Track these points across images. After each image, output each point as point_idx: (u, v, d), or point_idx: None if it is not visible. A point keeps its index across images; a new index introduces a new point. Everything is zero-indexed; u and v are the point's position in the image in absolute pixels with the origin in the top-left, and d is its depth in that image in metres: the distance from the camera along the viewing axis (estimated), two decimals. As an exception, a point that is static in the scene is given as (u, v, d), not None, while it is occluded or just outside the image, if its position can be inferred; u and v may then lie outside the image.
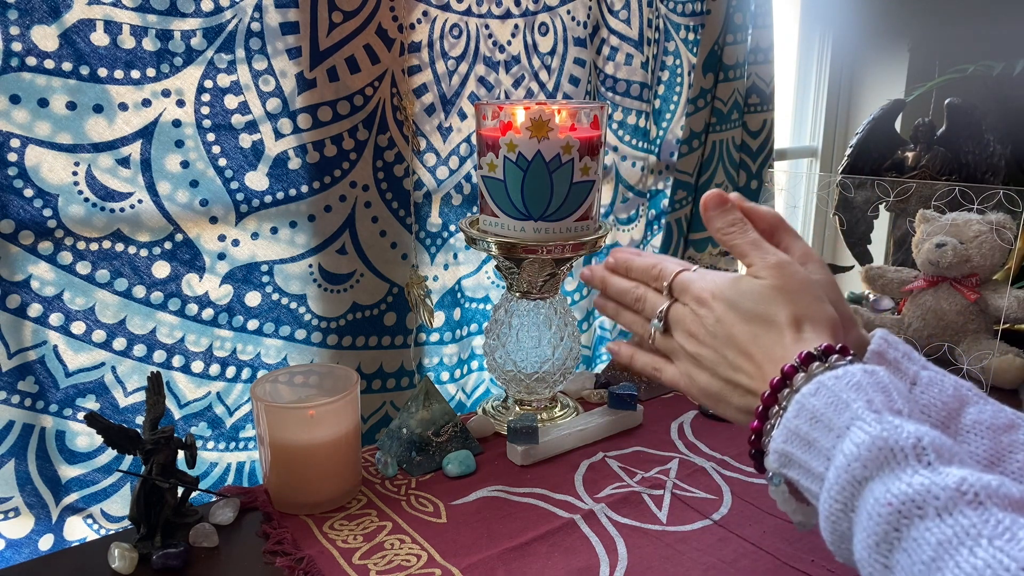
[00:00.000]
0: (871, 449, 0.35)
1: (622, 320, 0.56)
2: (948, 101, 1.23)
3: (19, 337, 0.69)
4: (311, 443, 0.66)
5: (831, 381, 0.39)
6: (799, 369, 0.42)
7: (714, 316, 0.48)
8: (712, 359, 0.48)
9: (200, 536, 0.63)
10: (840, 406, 0.38)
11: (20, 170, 0.67)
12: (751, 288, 0.47)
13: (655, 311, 0.52)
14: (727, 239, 0.50)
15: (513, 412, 0.87)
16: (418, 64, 0.88)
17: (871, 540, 0.34)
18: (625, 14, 1.07)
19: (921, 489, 0.32)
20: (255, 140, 0.78)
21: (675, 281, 0.51)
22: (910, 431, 0.35)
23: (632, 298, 0.54)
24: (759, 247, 0.49)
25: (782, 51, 1.44)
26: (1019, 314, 0.96)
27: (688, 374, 0.50)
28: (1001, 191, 0.94)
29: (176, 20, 0.71)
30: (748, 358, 0.46)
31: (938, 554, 0.31)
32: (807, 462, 0.39)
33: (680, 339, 0.50)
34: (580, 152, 0.74)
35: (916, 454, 0.34)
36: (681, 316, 0.50)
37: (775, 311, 0.46)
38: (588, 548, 0.63)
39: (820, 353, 0.42)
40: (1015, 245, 0.98)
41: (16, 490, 0.70)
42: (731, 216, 0.50)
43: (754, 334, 0.46)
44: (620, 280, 0.56)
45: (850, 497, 0.35)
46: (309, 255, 0.84)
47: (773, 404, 0.43)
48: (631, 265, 0.55)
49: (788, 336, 0.45)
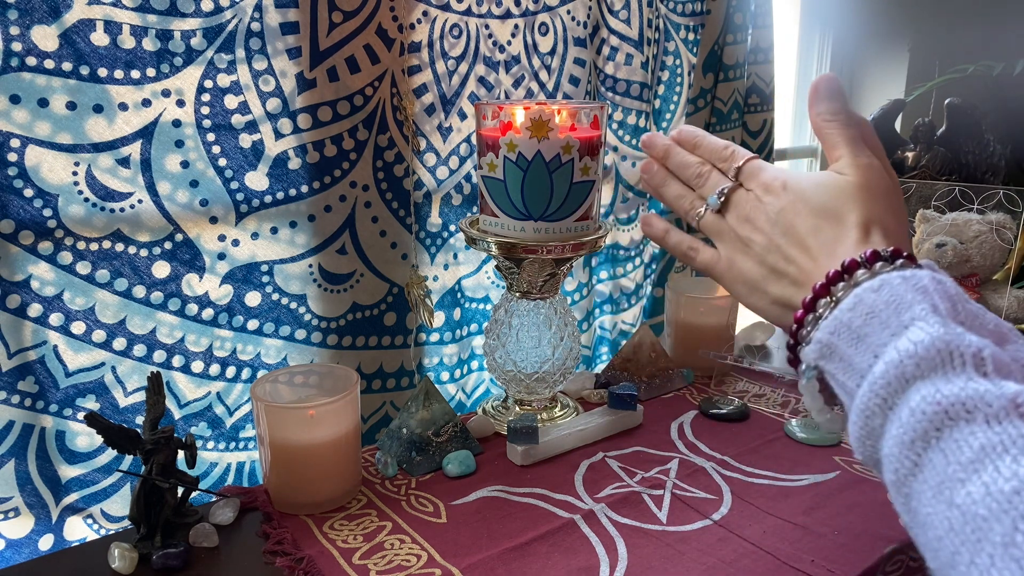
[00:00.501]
0: (929, 349, 0.34)
1: (668, 191, 0.54)
2: (948, 101, 1.23)
3: (19, 337, 0.69)
4: (311, 443, 0.66)
5: (897, 280, 0.38)
6: (863, 265, 0.40)
7: (779, 205, 0.46)
8: (763, 245, 0.46)
9: (200, 536, 0.63)
10: (902, 305, 0.37)
11: (20, 170, 0.67)
12: (830, 181, 0.45)
13: (716, 189, 0.50)
14: (826, 126, 0.47)
15: (513, 412, 0.87)
16: (418, 64, 0.88)
17: (907, 437, 0.33)
18: (625, 14, 1.07)
19: (974, 394, 0.31)
20: (255, 140, 0.78)
21: (747, 165, 0.49)
22: (973, 340, 0.34)
23: (694, 172, 0.52)
24: (855, 144, 0.46)
25: (782, 51, 1.44)
26: (1019, 314, 0.96)
27: (730, 258, 0.49)
28: (1001, 191, 0.94)
29: (176, 20, 0.71)
30: (804, 250, 0.44)
31: (979, 457, 0.30)
32: (851, 356, 0.38)
33: (733, 222, 0.49)
34: (580, 152, 0.74)
35: (975, 363, 0.33)
36: (743, 199, 0.48)
37: (848, 209, 0.44)
38: (588, 548, 0.63)
39: (888, 255, 0.41)
40: (1015, 245, 0.98)
41: (16, 490, 0.70)
42: (839, 103, 0.47)
43: (817, 227, 0.44)
44: (686, 153, 0.53)
45: (894, 392, 0.34)
46: (309, 255, 0.84)
47: (825, 295, 0.41)
48: (700, 142, 0.53)
49: (854, 235, 0.43)
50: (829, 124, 0.47)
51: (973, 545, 0.29)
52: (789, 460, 0.77)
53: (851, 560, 0.61)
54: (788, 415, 0.87)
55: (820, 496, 0.70)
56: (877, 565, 0.61)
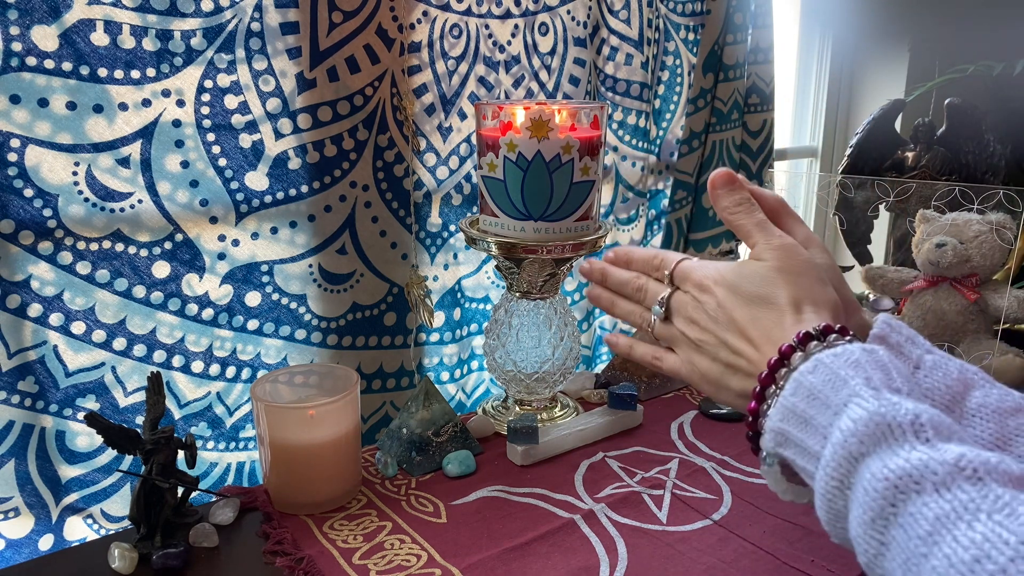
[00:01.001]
0: (868, 425, 0.34)
1: (618, 310, 0.56)
2: (948, 101, 1.23)
3: (19, 337, 0.69)
4: (311, 443, 0.66)
5: (829, 359, 0.39)
6: (797, 348, 0.42)
7: (715, 301, 0.48)
8: (713, 344, 0.48)
9: (200, 536, 0.63)
10: (838, 383, 0.38)
11: (20, 170, 0.67)
12: (753, 271, 0.47)
13: (656, 298, 0.52)
14: (733, 219, 0.49)
15: (513, 412, 0.87)
16: (418, 64, 0.88)
17: (867, 516, 0.33)
18: (625, 14, 1.07)
19: (919, 464, 0.32)
20: (255, 140, 0.78)
21: (677, 269, 0.51)
22: (908, 408, 0.34)
23: (633, 287, 0.54)
24: (764, 228, 0.48)
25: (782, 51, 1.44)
26: (1019, 314, 0.96)
27: (689, 360, 0.50)
28: (1001, 191, 0.94)
29: (176, 20, 0.71)
30: (748, 341, 0.46)
31: (935, 528, 0.30)
32: (803, 440, 0.39)
33: (681, 326, 0.50)
34: (580, 152, 0.74)
35: (914, 430, 0.33)
36: (682, 303, 0.50)
37: (776, 292, 0.45)
38: (588, 548, 0.63)
39: (818, 333, 0.42)
40: (1015, 245, 0.98)
41: (16, 490, 0.70)
42: (739, 195, 0.50)
43: (754, 316, 0.45)
44: (620, 271, 0.56)
45: (846, 474, 0.35)
46: (309, 255, 0.84)
47: (771, 384, 0.43)
48: (632, 257, 0.55)
49: (788, 318, 0.44)
50: (736, 216, 0.49)
51: None
52: (789, 460, 0.77)
53: (851, 560, 0.60)
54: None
55: (820, 496, 0.70)
56: (877, 565, 0.61)
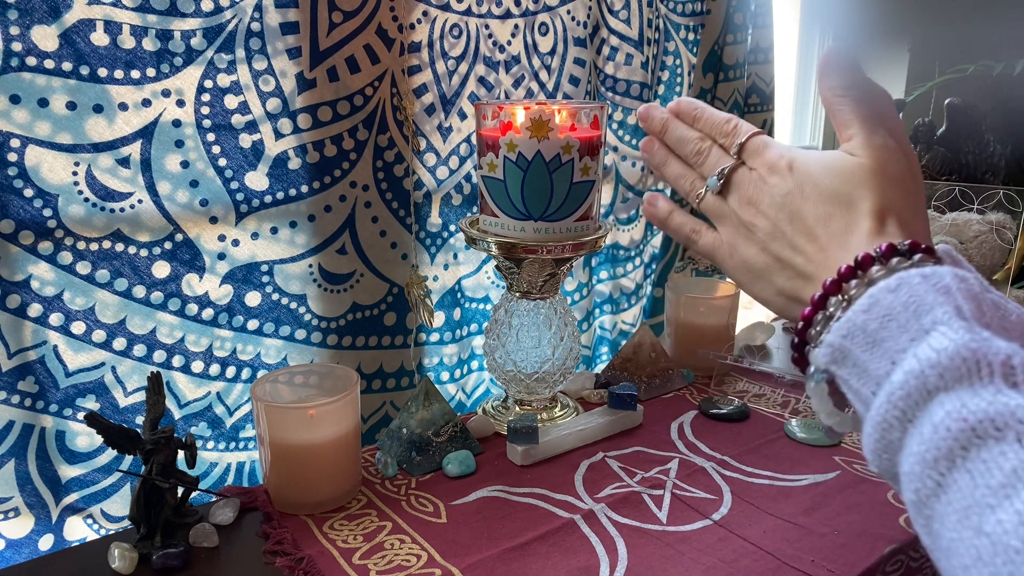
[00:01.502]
0: (954, 358, 0.31)
1: (668, 171, 0.50)
2: (948, 101, 1.23)
3: (19, 337, 0.69)
4: (311, 443, 0.66)
5: (916, 279, 0.35)
6: (877, 260, 0.37)
7: (786, 187, 0.42)
8: (768, 231, 0.43)
9: (200, 536, 0.63)
10: (922, 308, 0.33)
11: (20, 170, 0.67)
12: (842, 164, 0.41)
13: (716, 168, 0.46)
14: (837, 101, 0.43)
15: (513, 412, 0.87)
16: (418, 64, 0.88)
17: (930, 455, 0.30)
18: (625, 14, 1.07)
19: (1004, 410, 0.29)
20: (255, 140, 0.78)
21: (750, 141, 0.45)
22: (1001, 347, 0.31)
23: (693, 149, 0.48)
24: (869, 124, 0.42)
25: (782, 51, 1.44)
26: (1019, 314, 0.96)
27: (732, 243, 0.46)
28: (1001, 191, 0.94)
29: (176, 20, 0.71)
30: (812, 239, 0.41)
31: (1011, 481, 0.27)
32: (866, 362, 0.35)
33: (735, 204, 0.45)
34: (580, 152, 0.74)
35: (1004, 372, 0.30)
36: (745, 180, 0.45)
37: (861, 195, 0.40)
38: (588, 548, 0.63)
39: (905, 249, 0.37)
40: (1015, 245, 0.98)
41: (16, 490, 0.70)
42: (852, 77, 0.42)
43: (828, 214, 0.41)
44: (685, 128, 0.49)
45: (914, 405, 0.32)
46: (309, 255, 0.84)
47: (836, 293, 0.38)
48: (701, 115, 0.49)
49: (867, 225, 0.40)
50: (840, 100, 0.43)
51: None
52: (789, 460, 0.77)
53: (851, 560, 0.61)
54: (788, 415, 0.87)
55: (820, 496, 0.70)
56: (877, 565, 0.61)
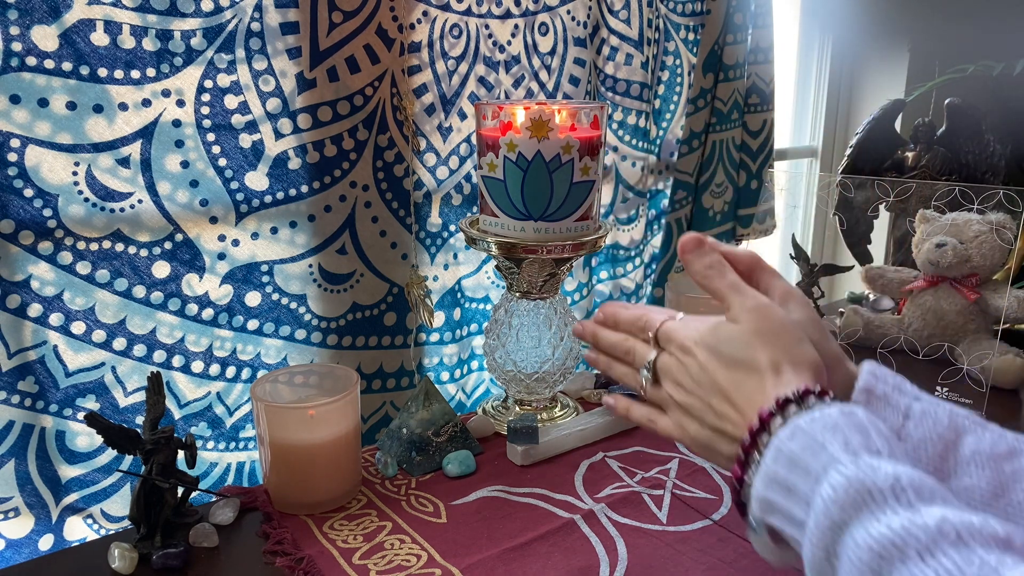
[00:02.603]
0: (848, 492, 0.34)
1: (614, 373, 0.56)
2: (948, 101, 1.23)
3: (19, 337, 0.69)
4: (311, 443, 0.66)
5: (807, 423, 0.39)
6: (776, 414, 0.41)
7: (698, 363, 0.47)
8: (699, 408, 0.47)
9: (200, 536, 0.63)
10: (816, 449, 0.37)
11: (20, 170, 0.67)
12: (730, 334, 0.46)
13: (644, 361, 0.52)
14: (705, 282, 0.49)
15: (513, 412, 0.87)
16: (418, 64, 0.88)
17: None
18: (625, 14, 1.07)
19: (901, 531, 0.31)
20: (255, 140, 0.78)
21: (660, 331, 0.51)
22: (888, 471, 0.34)
23: (622, 350, 0.54)
24: (737, 290, 0.48)
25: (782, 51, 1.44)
26: (1019, 314, 0.96)
27: (679, 424, 0.50)
28: (1001, 191, 0.94)
29: (176, 20, 0.71)
30: (732, 405, 0.45)
31: None
32: (788, 508, 0.38)
33: (669, 388, 0.50)
34: (580, 152, 0.74)
35: (895, 494, 0.33)
36: (668, 366, 0.50)
37: (754, 356, 0.45)
38: (588, 548, 0.63)
39: (797, 396, 0.41)
40: (1015, 245, 0.98)
41: (16, 490, 0.70)
42: (709, 259, 0.49)
43: (736, 381, 0.45)
44: (610, 333, 0.55)
45: (831, 543, 0.34)
46: (309, 255, 0.84)
47: (753, 451, 0.42)
48: (618, 318, 0.55)
49: (768, 381, 0.44)
50: (708, 280, 0.49)
51: None
52: (789, 460, 0.77)
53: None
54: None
55: (820, 496, 0.70)
56: (877, 565, 0.61)
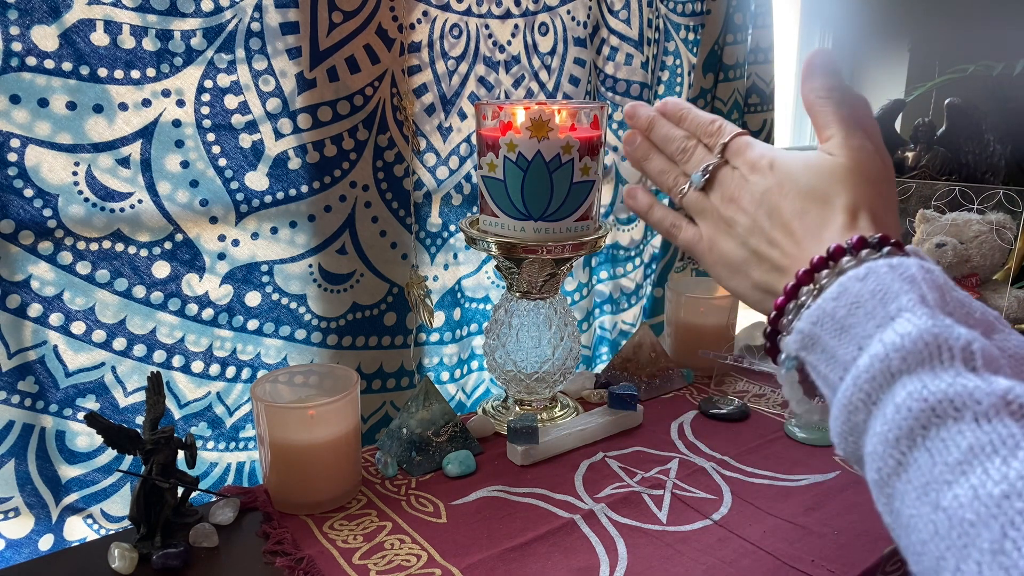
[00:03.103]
0: (917, 342, 0.32)
1: (651, 166, 0.52)
2: (948, 101, 1.23)
3: (19, 337, 0.69)
4: (311, 443, 0.66)
5: (884, 268, 0.36)
6: (848, 252, 0.39)
7: (766, 184, 0.44)
8: (746, 226, 0.45)
9: (200, 536, 0.63)
10: (889, 296, 0.35)
11: (20, 170, 0.67)
12: (820, 163, 0.43)
13: (701, 165, 0.48)
14: (818, 105, 0.45)
15: (513, 412, 0.87)
16: (418, 64, 0.88)
17: (892, 434, 0.31)
18: (625, 14, 1.07)
19: (963, 391, 0.30)
20: (255, 140, 0.78)
21: (734, 141, 0.47)
22: (962, 333, 0.32)
23: (679, 147, 0.50)
24: (847, 125, 0.44)
25: (782, 51, 1.44)
26: (1019, 314, 0.96)
27: (711, 238, 0.47)
28: (1001, 191, 0.94)
29: (176, 20, 0.71)
30: (788, 233, 0.43)
31: (967, 458, 0.28)
32: (835, 348, 0.36)
33: (716, 200, 0.47)
34: (580, 152, 0.74)
35: (964, 357, 0.31)
36: (727, 177, 0.47)
37: (836, 191, 0.42)
38: (588, 548, 0.63)
39: (875, 242, 0.39)
40: (1015, 245, 0.98)
41: (16, 490, 0.70)
42: (834, 80, 0.44)
43: (804, 210, 0.42)
44: (671, 126, 0.51)
45: (878, 388, 0.33)
46: (309, 255, 0.84)
47: (808, 282, 0.40)
48: (687, 115, 0.50)
49: (840, 220, 0.41)
50: (822, 101, 0.45)
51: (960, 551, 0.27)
52: (789, 460, 0.77)
53: (851, 560, 0.61)
54: (788, 415, 0.87)
55: (820, 496, 0.70)
56: (877, 565, 0.61)
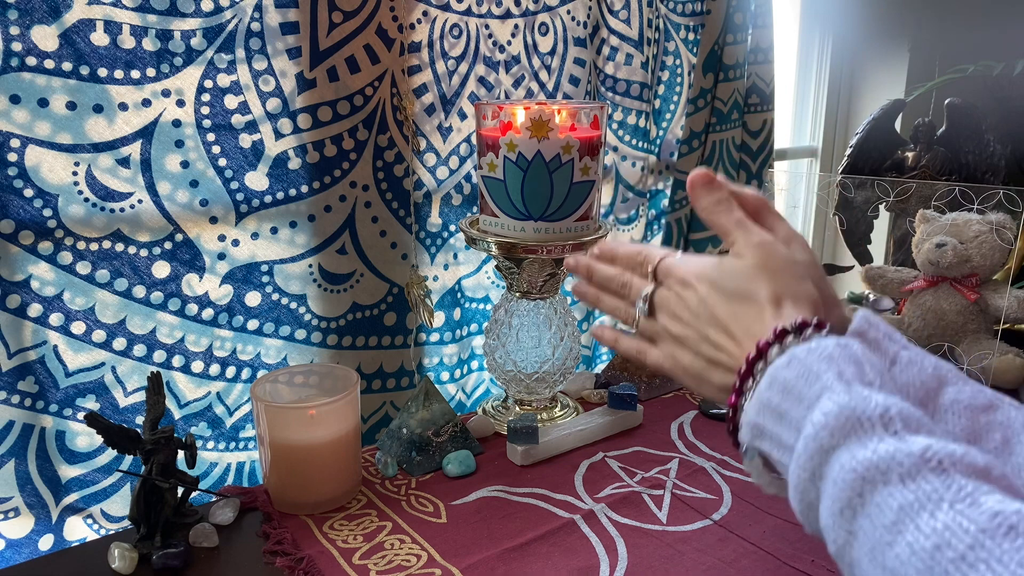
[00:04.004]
0: (838, 418, 0.35)
1: (603, 305, 0.57)
2: (948, 101, 1.23)
3: (19, 337, 0.69)
4: (311, 443, 0.66)
5: (803, 353, 0.40)
6: (774, 343, 0.43)
7: (697, 297, 0.48)
8: (694, 339, 0.49)
9: (200, 536, 0.63)
10: (811, 377, 0.38)
11: (20, 170, 0.67)
12: (733, 267, 0.48)
13: (640, 294, 0.53)
14: (712, 217, 0.50)
15: (513, 412, 0.87)
16: (418, 64, 0.88)
17: (836, 507, 0.34)
18: (625, 14, 1.07)
19: (886, 456, 0.33)
20: (255, 140, 0.78)
21: (660, 265, 0.52)
22: (878, 401, 0.35)
23: (618, 284, 0.55)
24: (743, 226, 0.49)
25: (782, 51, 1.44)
26: (1019, 314, 0.96)
27: (671, 355, 0.51)
28: (1001, 191, 0.94)
29: (176, 20, 0.71)
30: (729, 336, 0.46)
31: (899, 518, 0.31)
32: (778, 434, 0.40)
33: (664, 321, 0.51)
34: (580, 152, 0.74)
35: (883, 423, 0.34)
36: (665, 299, 0.51)
37: (756, 288, 0.46)
38: (588, 548, 0.63)
39: (795, 327, 0.43)
40: (1015, 245, 0.98)
41: (16, 490, 0.70)
42: (718, 195, 0.50)
43: (735, 313, 0.46)
44: (606, 267, 0.56)
45: (817, 466, 0.36)
46: (309, 255, 0.84)
47: (749, 378, 0.44)
48: (616, 253, 0.56)
49: (768, 313, 0.45)
50: (715, 215, 0.50)
51: None
52: (789, 460, 0.77)
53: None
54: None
55: (820, 496, 0.70)
56: (877, 565, 0.61)
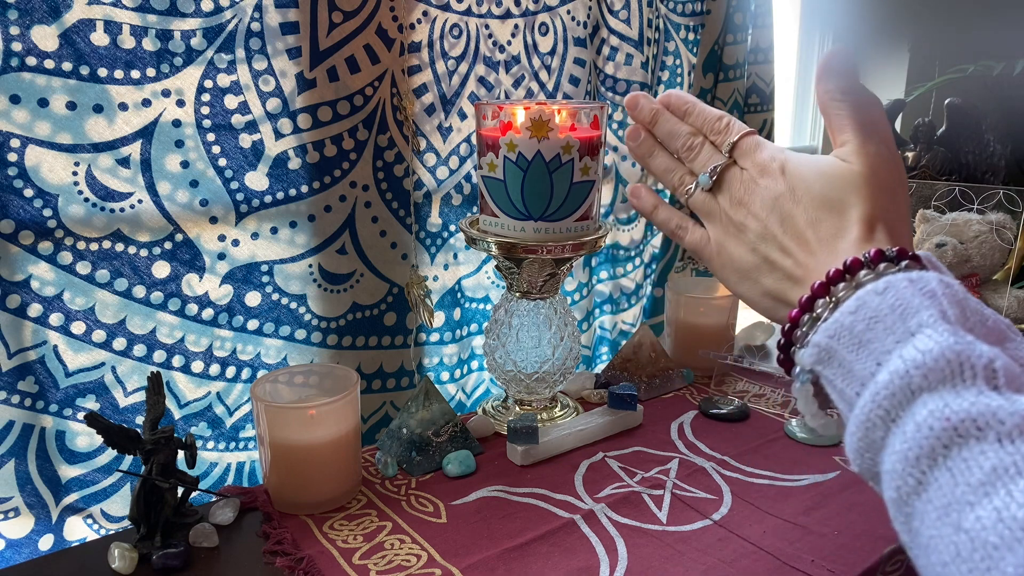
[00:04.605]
0: (938, 360, 0.31)
1: (655, 163, 0.50)
2: (948, 101, 1.23)
3: (19, 337, 0.69)
4: (311, 443, 0.66)
5: (904, 283, 0.35)
6: (866, 265, 0.38)
7: (777, 189, 0.43)
8: (757, 232, 0.43)
9: (200, 536, 0.63)
10: (909, 311, 0.34)
11: (20, 170, 0.67)
12: (835, 170, 0.42)
13: (708, 166, 0.46)
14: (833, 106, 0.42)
15: (513, 412, 0.87)
16: (418, 64, 0.88)
17: (912, 453, 0.31)
18: (625, 14, 1.07)
19: (985, 411, 0.29)
20: (255, 140, 0.78)
21: (742, 140, 0.45)
22: (984, 350, 0.32)
23: (684, 144, 0.48)
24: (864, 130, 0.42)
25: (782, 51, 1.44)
26: (1019, 314, 0.96)
27: (720, 242, 0.45)
28: (1001, 191, 0.94)
29: (176, 20, 0.71)
30: (802, 242, 0.42)
31: (990, 479, 0.28)
32: (852, 363, 0.36)
33: (725, 203, 0.45)
34: (580, 152, 0.74)
35: (986, 376, 0.31)
36: (736, 179, 0.45)
37: (852, 201, 0.41)
38: (588, 548, 0.63)
39: (894, 255, 0.38)
40: (1015, 245, 0.98)
41: (16, 490, 0.70)
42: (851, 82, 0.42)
43: (818, 219, 0.41)
44: (676, 121, 0.48)
45: (898, 405, 0.32)
46: (309, 255, 0.84)
47: (824, 295, 0.39)
48: (692, 109, 0.48)
49: (856, 231, 0.40)
50: (837, 105, 0.43)
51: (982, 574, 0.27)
52: (789, 460, 0.77)
53: (851, 560, 0.61)
54: (788, 415, 0.87)
55: (820, 496, 0.70)
56: (877, 565, 0.61)
